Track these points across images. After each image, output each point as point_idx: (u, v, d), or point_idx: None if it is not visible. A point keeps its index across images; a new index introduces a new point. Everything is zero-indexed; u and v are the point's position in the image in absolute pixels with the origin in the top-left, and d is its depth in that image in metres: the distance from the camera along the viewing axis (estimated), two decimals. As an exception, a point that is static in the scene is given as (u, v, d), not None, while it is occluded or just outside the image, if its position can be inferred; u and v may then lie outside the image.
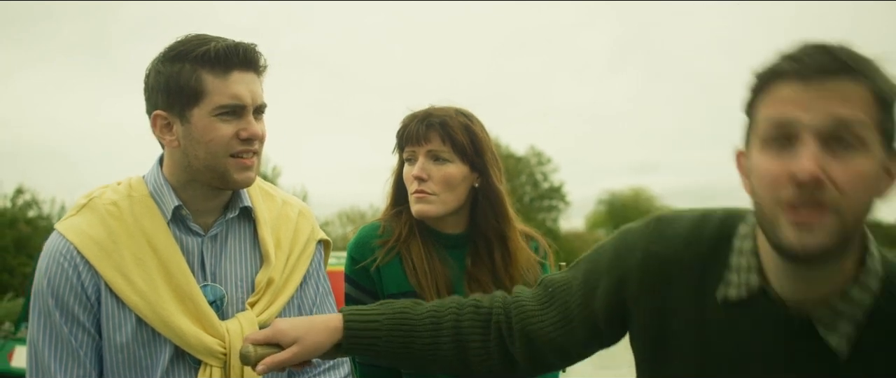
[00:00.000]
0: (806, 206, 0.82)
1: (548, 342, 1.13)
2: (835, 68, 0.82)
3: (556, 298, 1.13)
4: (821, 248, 0.82)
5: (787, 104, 0.83)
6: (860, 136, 0.82)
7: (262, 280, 1.38)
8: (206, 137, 1.27)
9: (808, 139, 0.81)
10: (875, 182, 0.84)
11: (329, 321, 1.18)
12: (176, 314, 1.29)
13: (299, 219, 1.49)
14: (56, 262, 1.29)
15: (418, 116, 1.64)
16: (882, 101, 0.83)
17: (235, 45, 1.28)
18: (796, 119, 0.82)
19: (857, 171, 0.82)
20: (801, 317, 0.91)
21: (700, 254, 0.98)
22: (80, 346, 1.28)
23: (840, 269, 0.89)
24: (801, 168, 0.80)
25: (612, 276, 1.05)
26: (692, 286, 0.98)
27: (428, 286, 1.59)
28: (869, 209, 0.86)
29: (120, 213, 1.32)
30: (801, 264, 0.87)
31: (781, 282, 0.91)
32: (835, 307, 0.89)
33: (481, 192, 1.65)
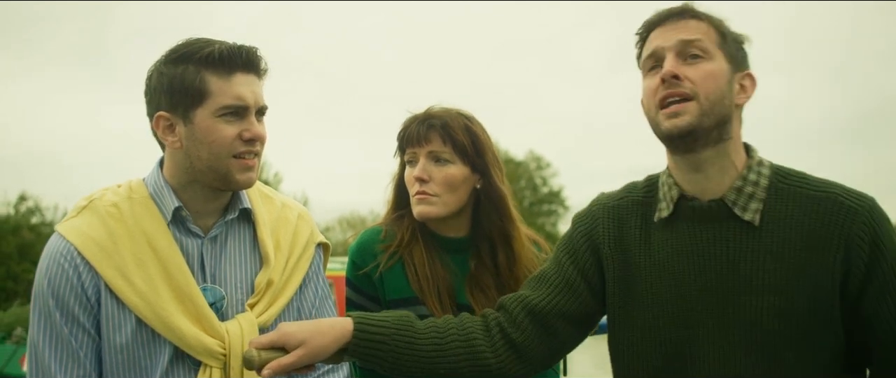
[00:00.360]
0: (673, 97, 1.16)
1: (553, 310, 1.29)
2: (681, 12, 1.22)
3: (546, 275, 1.34)
4: (689, 125, 1.15)
5: (655, 40, 1.22)
6: (704, 49, 1.18)
7: (262, 281, 1.38)
8: (210, 138, 1.28)
9: (668, 55, 1.18)
10: (724, 82, 1.18)
11: (335, 324, 1.19)
12: (176, 315, 1.28)
13: (298, 221, 1.49)
14: (56, 262, 1.29)
15: (418, 118, 1.63)
16: (721, 33, 1.20)
17: (238, 47, 1.30)
18: (660, 47, 1.20)
19: (705, 69, 1.17)
20: (717, 204, 1.19)
21: (637, 197, 1.32)
22: (80, 347, 1.28)
23: (728, 160, 1.20)
24: (664, 70, 1.17)
25: (585, 232, 1.34)
26: (638, 221, 1.29)
27: (429, 291, 1.57)
28: (721, 98, 1.17)
29: (120, 215, 1.32)
30: (684, 148, 1.18)
31: (692, 185, 1.22)
32: (741, 189, 1.19)
33: (483, 192, 1.64)
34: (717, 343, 1.17)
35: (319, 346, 1.15)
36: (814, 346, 1.14)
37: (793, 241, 1.15)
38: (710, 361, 1.17)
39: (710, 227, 1.20)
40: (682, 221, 1.22)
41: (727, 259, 1.18)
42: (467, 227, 1.67)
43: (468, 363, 1.24)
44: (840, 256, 1.13)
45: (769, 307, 1.14)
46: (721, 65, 1.18)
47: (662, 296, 1.23)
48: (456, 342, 1.25)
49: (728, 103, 1.18)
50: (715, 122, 1.16)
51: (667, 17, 1.22)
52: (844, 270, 1.13)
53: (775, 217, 1.17)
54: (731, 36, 1.22)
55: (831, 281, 1.13)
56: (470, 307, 1.60)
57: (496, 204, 1.64)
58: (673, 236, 1.23)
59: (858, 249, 1.13)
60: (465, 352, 1.25)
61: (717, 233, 1.19)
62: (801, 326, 1.13)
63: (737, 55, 1.22)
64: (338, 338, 1.18)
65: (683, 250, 1.22)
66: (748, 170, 1.20)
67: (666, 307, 1.22)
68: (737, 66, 1.21)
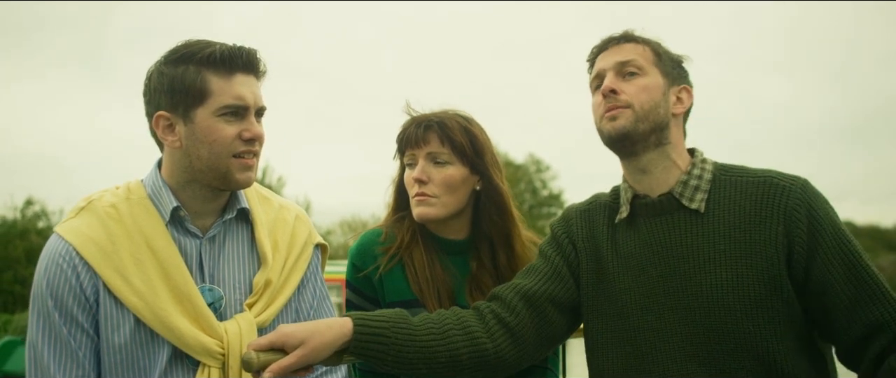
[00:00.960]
0: (612, 107, 1.32)
1: (546, 294, 1.38)
2: (619, 38, 1.38)
3: (535, 266, 1.44)
4: (624, 128, 1.30)
5: (599, 63, 1.38)
6: (638, 67, 1.34)
7: (260, 281, 1.37)
8: (210, 137, 1.28)
9: (609, 74, 1.35)
10: (658, 94, 1.33)
11: (334, 323, 1.19)
12: (174, 315, 1.27)
13: (296, 222, 1.48)
14: (55, 263, 1.28)
15: (417, 120, 1.62)
16: (656, 53, 1.36)
17: (239, 48, 1.30)
18: (602, 68, 1.37)
19: (639, 84, 1.33)
20: (666, 198, 1.32)
21: (605, 201, 1.45)
22: (78, 347, 1.27)
23: (670, 162, 1.34)
24: (603, 86, 1.33)
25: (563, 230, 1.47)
26: (606, 221, 1.42)
27: (429, 293, 1.56)
28: (655, 107, 1.32)
29: (119, 215, 1.31)
30: (624, 149, 1.33)
31: (641, 185, 1.36)
32: (686, 183, 1.32)
33: (484, 192, 1.63)
34: (683, 322, 1.26)
35: (319, 345, 1.15)
36: (769, 314, 1.22)
37: (737, 222, 1.27)
38: (678, 339, 1.26)
39: (664, 219, 1.32)
40: (640, 218, 1.35)
41: (682, 244, 1.29)
42: (467, 229, 1.66)
43: (467, 349, 1.27)
44: (780, 229, 1.23)
45: (723, 283, 1.24)
46: (656, 79, 1.34)
47: (629, 285, 1.33)
48: (453, 330, 1.28)
49: (663, 112, 1.33)
50: (650, 128, 1.31)
51: (608, 42, 1.39)
52: (787, 243, 1.23)
53: (720, 203, 1.29)
54: (667, 55, 1.38)
55: (776, 252, 1.23)
56: None
57: (497, 203, 1.62)
58: (634, 232, 1.35)
59: (797, 221, 1.23)
60: (462, 339, 1.28)
61: (670, 223, 1.32)
62: (755, 297, 1.22)
63: (672, 72, 1.37)
64: (337, 336, 1.18)
65: (644, 242, 1.33)
66: (692, 167, 1.34)
67: (632, 294, 1.32)
68: (672, 81, 1.36)
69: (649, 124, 1.30)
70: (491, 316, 1.34)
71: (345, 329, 1.19)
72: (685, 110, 1.38)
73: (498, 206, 1.62)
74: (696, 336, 1.25)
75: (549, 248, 1.46)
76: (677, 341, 1.26)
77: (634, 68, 1.33)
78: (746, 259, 1.24)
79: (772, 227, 1.24)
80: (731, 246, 1.25)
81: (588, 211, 1.46)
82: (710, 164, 1.35)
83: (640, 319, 1.30)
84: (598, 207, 1.45)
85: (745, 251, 1.24)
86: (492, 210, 1.62)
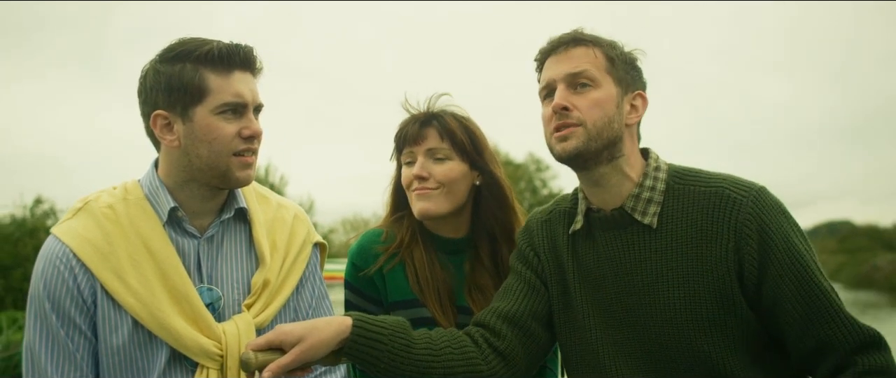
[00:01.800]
0: (563, 126, 1.24)
1: (527, 312, 1.34)
2: (569, 41, 1.27)
3: (509, 286, 1.39)
4: (576, 149, 1.23)
5: (548, 70, 1.29)
6: (591, 78, 1.24)
7: (258, 281, 1.34)
8: (210, 136, 1.25)
9: (560, 86, 1.25)
10: (612, 107, 1.24)
11: (333, 321, 1.17)
12: (172, 316, 1.25)
13: (295, 222, 1.45)
14: (52, 265, 1.25)
15: (414, 117, 1.59)
16: (609, 58, 1.26)
17: (236, 45, 1.28)
18: (552, 78, 1.27)
19: (592, 98, 1.24)
20: (619, 213, 1.27)
21: (564, 208, 1.39)
22: (76, 349, 1.24)
23: (623, 174, 1.27)
24: (554, 102, 1.24)
25: (527, 243, 1.42)
26: (564, 229, 1.37)
27: (430, 293, 1.54)
28: (609, 123, 1.23)
29: (116, 216, 1.29)
30: (577, 167, 1.27)
31: (595, 197, 1.30)
32: (638, 196, 1.26)
33: (484, 187, 1.60)
34: (640, 339, 1.23)
35: (317, 342, 1.13)
36: (723, 332, 1.18)
37: (689, 237, 1.21)
38: (637, 356, 1.23)
39: (617, 234, 1.27)
40: (596, 230, 1.30)
41: (635, 260, 1.25)
42: (466, 227, 1.63)
43: (462, 369, 1.25)
44: (731, 246, 1.18)
45: (675, 300, 1.20)
46: (609, 91, 1.25)
47: (589, 300, 1.30)
48: (449, 349, 1.26)
49: (617, 126, 1.25)
50: (603, 145, 1.24)
51: (557, 45, 1.28)
52: (737, 259, 1.18)
53: (672, 217, 1.24)
54: (621, 58, 1.27)
55: (727, 269, 1.18)
56: (469, 309, 1.57)
57: (498, 197, 1.60)
58: (591, 244, 1.31)
59: (747, 238, 1.17)
60: (458, 358, 1.25)
61: (623, 238, 1.27)
62: (707, 316, 1.19)
63: (626, 77, 1.28)
64: (335, 334, 1.15)
65: (600, 257, 1.29)
66: (645, 177, 1.27)
67: (593, 309, 1.28)
68: (627, 88, 1.27)
69: (602, 142, 1.23)
70: (483, 341, 1.31)
71: (343, 327, 1.16)
72: (639, 119, 1.30)
73: (499, 199, 1.60)
74: (652, 353, 1.22)
75: (519, 264, 1.41)
76: (636, 358, 1.23)
77: (587, 79, 1.24)
78: (698, 277, 1.19)
79: (722, 244, 1.19)
80: (683, 263, 1.21)
81: (548, 221, 1.40)
82: (664, 172, 1.28)
83: (600, 334, 1.27)
84: (557, 216, 1.39)
85: (697, 269, 1.20)
86: (493, 204, 1.60)
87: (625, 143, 1.27)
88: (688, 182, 1.26)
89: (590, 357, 1.28)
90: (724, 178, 1.24)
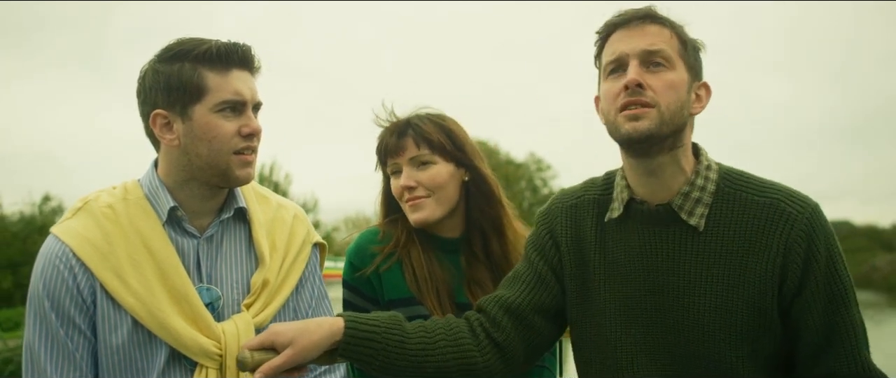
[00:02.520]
0: (634, 104, 1.13)
1: (531, 305, 1.28)
2: (643, 17, 1.17)
3: (519, 273, 1.33)
4: (648, 130, 1.12)
5: (618, 43, 1.18)
6: (666, 58, 1.15)
7: (258, 281, 1.33)
8: (209, 134, 1.24)
9: (632, 62, 1.15)
10: (684, 92, 1.16)
11: (324, 322, 1.15)
12: (172, 316, 1.23)
13: (294, 222, 1.44)
14: (52, 264, 1.24)
15: (390, 129, 1.58)
16: (682, 40, 1.18)
17: (234, 44, 1.27)
18: (624, 52, 1.16)
19: (667, 79, 1.14)
20: (665, 209, 1.18)
21: (595, 195, 1.30)
22: (76, 349, 1.23)
23: (678, 167, 1.18)
24: (628, 78, 1.13)
25: (547, 229, 1.33)
26: (593, 218, 1.28)
27: (428, 291, 1.52)
28: (680, 108, 1.15)
29: (115, 216, 1.27)
30: (640, 152, 1.16)
31: (643, 188, 1.20)
32: (688, 194, 1.18)
33: (472, 182, 1.59)
34: (665, 341, 1.17)
35: (308, 345, 1.11)
36: (753, 346, 1.14)
37: (735, 245, 1.15)
38: (658, 358, 1.17)
39: (658, 231, 1.20)
40: (633, 222, 1.22)
41: (673, 261, 1.18)
42: (461, 226, 1.62)
43: (456, 362, 1.22)
44: (779, 261, 1.13)
45: (711, 307, 1.14)
46: (682, 75, 1.16)
47: (613, 294, 1.22)
48: (444, 342, 1.22)
49: (685, 113, 1.17)
50: (672, 131, 1.15)
51: (631, 18, 1.18)
52: (781, 274, 1.13)
53: (719, 221, 1.17)
54: (691, 43, 1.20)
55: (771, 284, 1.13)
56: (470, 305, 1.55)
57: (484, 191, 1.59)
58: (625, 237, 1.23)
59: (795, 254, 1.12)
60: (453, 351, 1.22)
61: (664, 236, 1.19)
62: (741, 328, 1.13)
63: (695, 65, 1.21)
64: (326, 336, 1.13)
65: (633, 251, 1.21)
66: (696, 175, 1.19)
67: (617, 305, 1.22)
68: (695, 76, 1.20)
69: (672, 128, 1.14)
70: (481, 330, 1.26)
71: (335, 329, 1.14)
72: (702, 110, 1.22)
73: (485, 193, 1.59)
74: (676, 357, 1.16)
75: (533, 252, 1.34)
76: (657, 359, 1.17)
77: (662, 59, 1.14)
78: (738, 287, 1.14)
79: (770, 257, 1.13)
80: (725, 270, 1.14)
81: (575, 207, 1.31)
82: (715, 173, 1.20)
83: (621, 332, 1.21)
84: (586, 203, 1.30)
85: (739, 278, 1.14)
86: (480, 199, 1.58)
87: (686, 133, 1.19)
88: (739, 187, 1.18)
89: (606, 354, 1.22)
90: (780, 188, 1.17)
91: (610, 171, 1.32)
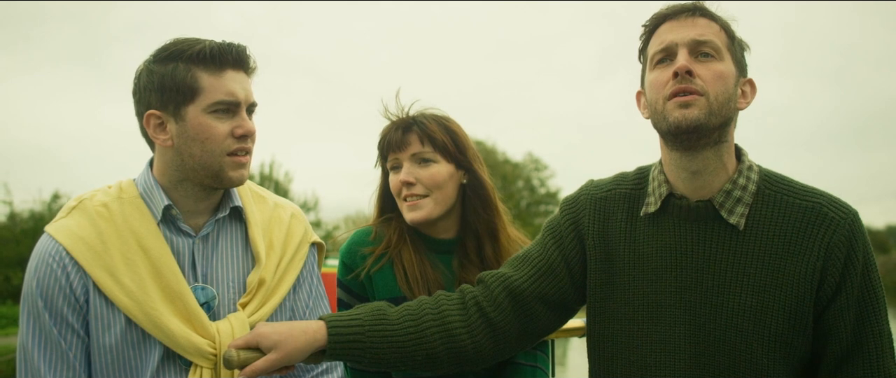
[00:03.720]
0: (684, 91, 1.11)
1: (535, 292, 1.23)
2: (693, 10, 1.17)
3: (530, 256, 1.28)
4: (697, 119, 1.09)
5: (667, 34, 1.16)
6: (715, 48, 1.14)
7: (254, 280, 1.30)
8: (202, 135, 1.21)
9: (681, 50, 1.14)
10: (732, 85, 1.14)
11: (308, 328, 1.13)
12: (165, 315, 1.20)
13: (292, 221, 1.41)
14: (45, 263, 1.21)
15: (396, 124, 1.56)
16: (729, 35, 1.17)
17: (228, 44, 1.24)
18: (673, 41, 1.15)
19: (715, 69, 1.13)
20: (705, 205, 1.15)
21: (626, 189, 1.26)
22: (69, 348, 1.20)
23: (721, 163, 1.15)
24: (678, 64, 1.12)
25: (571, 220, 1.28)
26: (624, 214, 1.24)
27: (419, 292, 1.49)
28: (728, 100, 1.12)
29: (110, 215, 1.24)
30: (686, 144, 1.12)
31: (682, 184, 1.17)
32: (730, 193, 1.15)
33: (469, 187, 1.57)
34: (694, 340, 1.13)
35: (292, 350, 1.09)
36: (787, 351, 1.10)
37: (775, 247, 1.12)
38: (686, 357, 1.13)
39: (696, 227, 1.16)
40: (669, 218, 1.18)
41: (709, 259, 1.14)
42: (456, 228, 1.59)
43: (444, 347, 1.19)
44: (819, 264, 1.10)
45: (746, 308, 1.11)
46: (729, 67, 1.14)
47: (642, 290, 1.18)
48: (431, 327, 1.19)
49: (733, 106, 1.14)
50: (719, 123, 1.12)
51: (679, 11, 1.17)
52: (820, 278, 1.10)
53: (759, 222, 1.14)
54: (738, 40, 1.18)
55: (810, 288, 1.10)
56: None
57: (481, 197, 1.57)
58: (658, 232, 1.19)
59: (835, 259, 1.10)
60: (440, 335, 1.19)
61: (701, 233, 1.15)
62: (776, 329, 1.10)
63: (742, 60, 1.19)
64: (310, 342, 1.11)
65: (667, 247, 1.17)
66: (739, 174, 1.16)
67: (645, 301, 1.17)
68: (741, 71, 1.18)
69: (719, 119, 1.11)
70: (474, 307, 1.22)
71: (318, 334, 1.12)
72: (747, 106, 1.18)
73: (482, 199, 1.57)
74: (705, 357, 1.12)
75: (550, 240, 1.29)
76: (685, 359, 1.13)
77: (711, 50, 1.13)
78: (776, 289, 1.10)
79: (810, 261, 1.10)
80: (763, 272, 1.11)
81: (605, 200, 1.26)
82: (756, 174, 1.18)
83: (648, 328, 1.16)
84: (617, 197, 1.25)
85: (777, 280, 1.10)
86: (477, 203, 1.56)
87: (731, 128, 1.16)
88: (779, 189, 1.16)
89: (630, 349, 1.18)
90: (821, 193, 1.15)
91: (642, 167, 1.28)
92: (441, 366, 1.20)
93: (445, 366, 1.21)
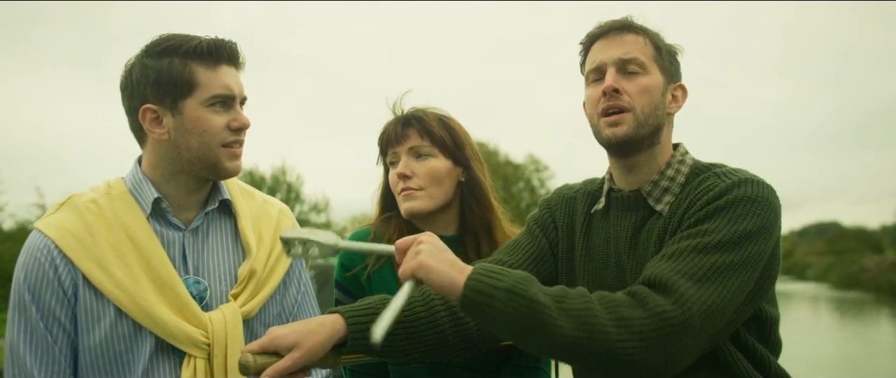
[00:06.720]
0: (613, 108, 1.21)
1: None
2: (620, 27, 1.25)
3: (520, 242, 1.37)
4: (626, 135, 1.21)
5: (598, 53, 1.26)
6: (640, 64, 1.23)
7: (245, 271, 1.31)
8: (200, 128, 1.24)
9: (610, 69, 1.23)
10: (658, 95, 1.23)
11: (325, 321, 1.12)
12: (157, 305, 1.20)
13: (280, 216, 1.43)
14: (33, 258, 1.21)
15: (395, 119, 1.58)
16: (656, 47, 1.25)
17: (221, 40, 1.27)
18: (602, 61, 1.24)
19: (641, 84, 1.22)
20: (635, 195, 1.25)
21: (591, 190, 1.37)
22: (55, 342, 1.20)
23: (655, 162, 1.25)
24: (606, 84, 1.22)
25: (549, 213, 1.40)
26: (584, 210, 1.35)
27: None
28: (654, 110, 1.22)
29: (99, 210, 1.25)
30: (621, 153, 1.24)
31: (622, 182, 1.28)
32: (657, 183, 1.24)
33: (466, 185, 1.58)
34: None
35: (315, 345, 1.08)
36: None
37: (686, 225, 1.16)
38: None
39: (629, 215, 1.26)
40: (614, 212, 1.29)
41: (634, 243, 1.23)
42: (455, 225, 1.60)
43: (453, 330, 1.21)
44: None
45: None
46: (656, 79, 1.23)
47: (590, 279, 1.28)
48: (440, 309, 1.21)
49: (661, 114, 1.23)
50: (649, 132, 1.22)
51: (608, 30, 1.26)
52: None
53: (680, 206, 1.20)
54: (666, 49, 1.27)
55: None
56: None
57: (477, 195, 1.58)
58: (605, 225, 1.29)
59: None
60: (448, 317, 1.21)
61: (633, 220, 1.25)
62: None
63: (670, 68, 1.27)
64: (331, 334, 1.10)
65: (610, 236, 1.27)
66: (667, 166, 1.25)
67: (592, 288, 1.23)
68: (670, 79, 1.27)
69: (649, 128, 1.21)
70: None
71: (337, 326, 1.11)
72: (679, 109, 1.29)
73: (478, 197, 1.58)
74: None
75: (536, 227, 1.38)
76: None
77: (636, 66, 1.22)
78: None
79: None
80: None
81: (573, 199, 1.38)
82: (688, 166, 1.25)
83: None
84: (582, 196, 1.37)
85: None
86: (473, 202, 1.57)
87: (664, 132, 1.26)
88: (706, 176, 1.22)
89: None
90: (734, 171, 1.19)
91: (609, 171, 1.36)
92: (448, 351, 1.22)
93: (451, 350, 1.22)
